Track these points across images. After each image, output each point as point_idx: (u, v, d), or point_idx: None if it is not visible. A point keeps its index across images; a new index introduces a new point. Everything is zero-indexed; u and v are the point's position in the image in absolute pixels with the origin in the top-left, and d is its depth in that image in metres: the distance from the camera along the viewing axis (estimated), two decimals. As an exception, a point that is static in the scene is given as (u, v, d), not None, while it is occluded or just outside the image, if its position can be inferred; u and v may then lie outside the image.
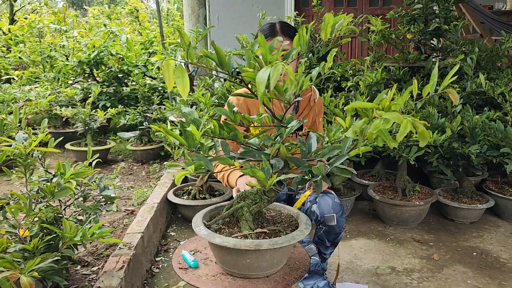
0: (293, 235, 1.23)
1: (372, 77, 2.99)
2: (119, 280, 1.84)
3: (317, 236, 1.92)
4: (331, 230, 1.85)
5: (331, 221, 1.81)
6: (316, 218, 1.83)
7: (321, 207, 1.81)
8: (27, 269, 1.35)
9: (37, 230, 1.70)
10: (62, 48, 5.09)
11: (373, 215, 3.08)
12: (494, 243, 2.65)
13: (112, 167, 4.09)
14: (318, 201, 1.83)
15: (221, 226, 1.34)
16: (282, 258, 1.29)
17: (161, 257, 2.48)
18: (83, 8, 20.29)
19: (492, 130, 2.64)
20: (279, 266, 1.30)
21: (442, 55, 3.56)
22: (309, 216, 1.86)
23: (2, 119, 1.88)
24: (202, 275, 1.30)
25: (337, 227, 1.83)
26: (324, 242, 1.91)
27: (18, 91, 4.02)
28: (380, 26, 3.37)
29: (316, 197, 1.84)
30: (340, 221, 1.82)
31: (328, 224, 1.82)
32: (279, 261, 1.27)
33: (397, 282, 2.20)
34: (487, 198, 2.93)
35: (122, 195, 3.22)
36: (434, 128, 2.70)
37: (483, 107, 3.09)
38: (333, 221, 1.81)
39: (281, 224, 1.38)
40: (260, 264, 1.22)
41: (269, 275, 1.28)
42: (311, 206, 1.85)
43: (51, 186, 1.69)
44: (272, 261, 1.24)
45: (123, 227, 2.60)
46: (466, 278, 2.24)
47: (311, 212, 1.84)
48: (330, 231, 1.85)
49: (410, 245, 2.61)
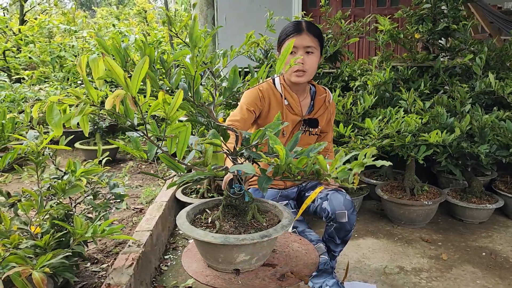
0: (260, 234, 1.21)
1: (380, 76, 2.98)
2: (128, 277, 1.85)
3: (327, 234, 1.93)
4: (342, 227, 1.85)
5: (342, 218, 1.82)
6: (327, 215, 1.84)
7: (333, 204, 1.82)
8: (39, 265, 1.37)
9: (48, 227, 1.72)
10: (71, 48, 5.13)
11: (381, 214, 3.07)
12: (504, 243, 2.63)
13: (121, 166, 4.12)
14: (329, 198, 1.83)
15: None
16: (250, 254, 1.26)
17: (169, 255, 2.50)
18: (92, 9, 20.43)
19: (501, 129, 2.62)
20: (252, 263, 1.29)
21: (451, 55, 3.54)
22: (320, 213, 1.87)
23: (13, 117, 1.90)
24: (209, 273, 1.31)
25: (348, 224, 1.84)
26: (334, 240, 1.91)
27: (28, 91, 4.06)
28: (389, 25, 3.36)
29: (327, 194, 1.85)
30: (351, 218, 1.83)
31: (339, 220, 1.83)
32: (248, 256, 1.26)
33: (405, 281, 2.19)
34: (496, 198, 2.91)
35: (131, 194, 3.24)
36: (443, 127, 2.69)
37: (492, 107, 3.07)
38: (344, 217, 1.82)
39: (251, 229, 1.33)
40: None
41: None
42: (321, 203, 1.85)
43: (62, 183, 1.71)
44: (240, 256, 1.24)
45: (132, 225, 2.62)
46: (475, 278, 2.23)
47: (322, 209, 1.85)
48: (340, 228, 1.86)
49: (419, 245, 2.60)
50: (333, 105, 2.08)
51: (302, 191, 2.05)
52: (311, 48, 1.81)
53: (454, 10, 3.37)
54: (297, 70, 1.83)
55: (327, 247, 1.96)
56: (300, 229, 1.85)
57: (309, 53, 1.82)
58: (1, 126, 1.70)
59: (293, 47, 1.80)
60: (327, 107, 2.03)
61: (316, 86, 2.03)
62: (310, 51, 1.82)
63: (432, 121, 2.78)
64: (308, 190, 2.00)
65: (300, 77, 1.84)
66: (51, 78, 4.86)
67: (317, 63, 1.87)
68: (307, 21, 1.87)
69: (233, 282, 1.25)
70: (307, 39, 1.80)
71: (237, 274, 1.27)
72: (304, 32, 1.81)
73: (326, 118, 2.05)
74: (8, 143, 1.78)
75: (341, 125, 2.64)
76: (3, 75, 5.06)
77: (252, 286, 1.23)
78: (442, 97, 2.93)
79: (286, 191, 2.03)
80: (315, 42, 1.82)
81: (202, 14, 4.96)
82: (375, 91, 3.05)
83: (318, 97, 2.01)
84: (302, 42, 1.80)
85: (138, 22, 10.62)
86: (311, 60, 1.83)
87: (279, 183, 2.01)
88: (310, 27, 1.83)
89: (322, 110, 2.02)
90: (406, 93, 2.88)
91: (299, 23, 1.84)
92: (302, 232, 1.84)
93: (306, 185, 2.05)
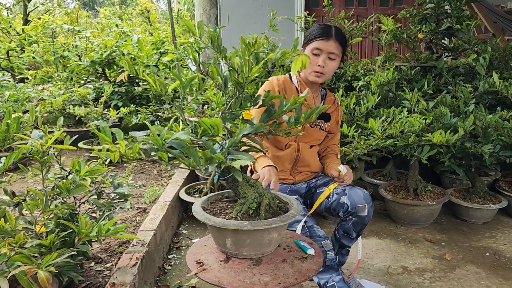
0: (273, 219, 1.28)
1: (384, 76, 2.98)
2: (132, 276, 1.86)
3: (343, 230, 1.97)
4: (361, 221, 1.90)
5: (362, 212, 1.87)
6: (347, 209, 1.87)
7: (353, 198, 1.87)
8: (44, 264, 1.38)
9: (53, 226, 1.73)
10: (75, 48, 5.14)
11: (384, 214, 3.07)
12: (508, 243, 2.63)
13: (124, 165, 4.13)
14: (347, 193, 1.88)
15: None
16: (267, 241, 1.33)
17: (173, 254, 2.50)
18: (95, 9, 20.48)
19: (505, 129, 2.62)
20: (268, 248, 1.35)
21: (454, 55, 3.54)
22: (336, 208, 1.91)
23: (18, 117, 1.91)
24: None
25: (367, 217, 1.89)
26: (350, 235, 1.96)
27: (32, 91, 4.07)
28: (392, 26, 3.36)
29: (344, 189, 1.90)
30: (370, 211, 1.89)
31: (359, 214, 1.87)
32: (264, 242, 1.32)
33: (409, 281, 2.19)
34: (500, 198, 2.91)
35: (134, 193, 3.25)
36: (447, 128, 2.69)
37: (496, 107, 3.06)
38: (365, 211, 1.87)
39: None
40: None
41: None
42: (339, 198, 1.89)
43: (67, 183, 1.72)
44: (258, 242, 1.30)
45: (136, 225, 2.63)
46: (479, 278, 2.22)
47: (340, 204, 1.89)
48: (358, 222, 1.90)
49: (422, 245, 2.60)
50: (340, 108, 2.17)
51: (312, 187, 2.08)
52: (334, 55, 1.90)
53: (458, 10, 3.36)
54: (317, 71, 1.91)
55: (340, 243, 2.01)
56: (309, 224, 1.87)
57: (331, 59, 1.91)
58: (6, 126, 1.71)
59: (318, 49, 1.90)
60: (336, 107, 2.13)
61: (327, 90, 2.13)
62: (333, 57, 1.91)
63: (435, 121, 2.77)
64: (320, 187, 2.03)
65: (318, 77, 1.93)
66: (55, 78, 4.87)
67: (335, 69, 1.97)
68: (336, 28, 1.94)
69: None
70: (333, 46, 1.88)
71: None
72: (332, 38, 1.89)
73: (335, 118, 2.14)
74: (13, 142, 1.79)
75: (345, 125, 2.64)
76: (7, 75, 5.08)
77: (285, 272, 1.28)
78: (445, 97, 2.92)
79: (295, 186, 2.06)
80: (339, 49, 1.91)
81: (205, 14, 4.96)
82: (378, 91, 3.04)
83: (328, 98, 2.12)
84: (329, 47, 1.89)
85: (141, 22, 10.64)
86: (332, 65, 1.92)
87: (288, 178, 2.05)
88: (338, 35, 1.91)
89: (332, 109, 2.11)
90: (410, 93, 2.88)
91: (330, 27, 1.92)
92: (311, 227, 1.85)
93: (317, 182, 2.07)
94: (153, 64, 5.15)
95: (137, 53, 5.15)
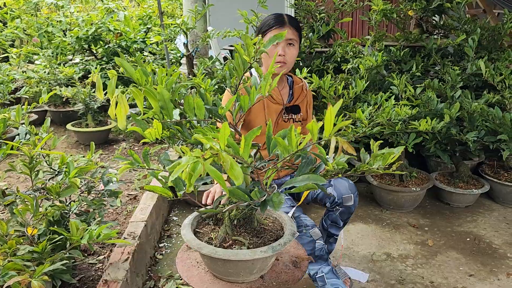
0: (254, 250, 1.22)
1: (373, 60, 2.97)
2: (124, 272, 1.91)
3: (330, 219, 2.04)
4: (347, 210, 1.98)
5: (349, 201, 1.95)
6: (333, 200, 1.95)
7: (338, 189, 1.94)
8: (37, 274, 1.42)
9: (44, 228, 1.76)
10: (59, 23, 5.01)
11: (370, 198, 3.14)
12: (488, 228, 2.72)
13: (114, 147, 4.13)
14: (333, 184, 1.95)
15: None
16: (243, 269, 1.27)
17: (164, 243, 2.56)
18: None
19: (490, 116, 2.66)
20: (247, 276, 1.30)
21: (444, 33, 3.52)
22: (323, 199, 1.99)
23: (4, 118, 1.90)
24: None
25: (353, 206, 1.98)
26: (338, 224, 2.04)
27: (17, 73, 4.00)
28: (382, 5, 3.32)
29: (329, 180, 1.94)
30: (355, 201, 1.97)
31: (346, 204, 1.96)
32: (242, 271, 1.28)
33: (391, 268, 2.28)
34: (482, 183, 2.98)
35: (124, 178, 3.27)
36: (433, 114, 2.72)
37: (483, 89, 3.09)
38: (351, 201, 1.95)
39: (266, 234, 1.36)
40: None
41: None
42: (326, 190, 1.92)
43: (56, 186, 1.74)
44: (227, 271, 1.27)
45: (127, 214, 2.67)
46: (458, 264, 2.32)
47: (326, 195, 1.96)
48: (345, 212, 1.99)
49: (406, 230, 2.69)
50: (310, 93, 2.16)
51: None
52: (292, 41, 1.89)
53: (448, -13, 3.32)
54: (278, 62, 1.89)
55: (328, 232, 2.09)
56: (296, 215, 1.92)
57: (290, 45, 1.90)
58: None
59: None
60: (305, 94, 2.11)
61: (293, 76, 2.11)
62: (291, 43, 1.90)
63: (422, 107, 2.80)
64: None
65: (282, 67, 1.91)
66: (39, 55, 4.76)
67: (296, 55, 1.95)
68: (287, 15, 1.94)
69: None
70: (289, 32, 1.87)
71: (263, 278, 1.33)
72: (287, 25, 1.88)
73: (305, 106, 2.13)
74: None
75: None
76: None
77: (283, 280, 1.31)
78: (433, 82, 2.93)
79: (279, 180, 2.09)
80: (296, 34, 1.91)
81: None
82: (367, 75, 3.04)
83: (296, 86, 2.10)
84: (286, 35, 1.85)
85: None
86: (292, 52, 1.91)
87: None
88: (292, 21, 1.91)
89: (301, 98, 2.10)
90: (398, 78, 2.88)
91: (281, 15, 1.91)
92: (298, 217, 1.90)
93: None
94: (141, 39, 5.05)
95: (124, 28, 5.04)
